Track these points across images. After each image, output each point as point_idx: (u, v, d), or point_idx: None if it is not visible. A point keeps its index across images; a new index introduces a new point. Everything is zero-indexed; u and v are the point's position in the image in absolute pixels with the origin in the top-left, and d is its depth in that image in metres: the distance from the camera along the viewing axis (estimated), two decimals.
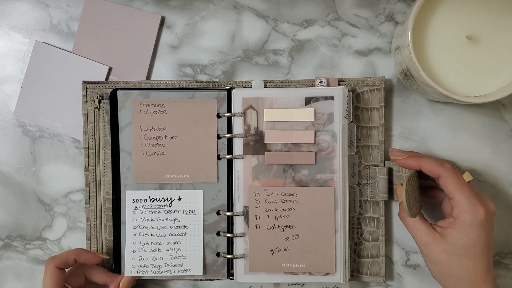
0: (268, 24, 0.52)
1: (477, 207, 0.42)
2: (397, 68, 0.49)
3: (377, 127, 0.50)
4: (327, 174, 0.48)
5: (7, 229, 0.53)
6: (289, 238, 0.49)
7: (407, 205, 0.44)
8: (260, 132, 0.49)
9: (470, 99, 0.44)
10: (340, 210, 0.48)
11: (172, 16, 0.53)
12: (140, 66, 0.52)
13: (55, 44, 0.53)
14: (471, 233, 0.42)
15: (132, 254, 0.50)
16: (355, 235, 0.51)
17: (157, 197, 0.50)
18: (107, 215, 0.51)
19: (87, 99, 0.51)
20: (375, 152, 0.50)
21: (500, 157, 0.52)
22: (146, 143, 0.50)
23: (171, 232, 0.50)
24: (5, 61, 0.53)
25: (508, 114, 0.52)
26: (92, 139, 0.51)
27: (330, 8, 0.52)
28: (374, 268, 0.51)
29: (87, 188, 0.51)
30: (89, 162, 0.51)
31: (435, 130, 0.52)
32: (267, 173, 0.49)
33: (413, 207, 0.44)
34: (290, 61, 0.52)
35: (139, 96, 0.49)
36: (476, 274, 0.42)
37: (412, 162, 0.46)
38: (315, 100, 0.48)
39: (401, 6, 0.52)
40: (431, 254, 0.44)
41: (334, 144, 0.48)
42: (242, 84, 0.51)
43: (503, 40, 0.45)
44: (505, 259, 0.52)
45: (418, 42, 0.44)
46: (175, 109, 0.49)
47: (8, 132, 0.53)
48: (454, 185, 0.43)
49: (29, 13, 0.53)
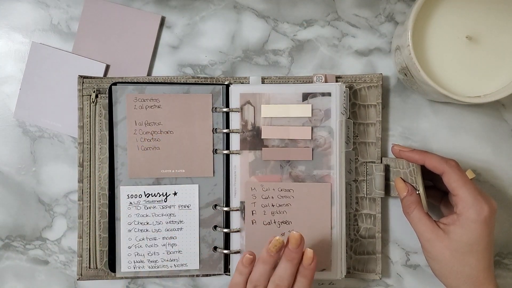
0: (268, 24, 0.52)
1: (481, 203, 0.42)
2: (397, 68, 0.49)
3: (374, 124, 0.50)
4: (324, 170, 0.49)
5: (7, 229, 0.53)
6: (285, 234, 0.49)
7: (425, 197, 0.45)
8: (257, 128, 0.49)
9: (470, 99, 0.44)
10: (337, 206, 0.48)
11: (172, 16, 0.53)
12: (140, 66, 0.52)
13: (55, 44, 0.53)
14: (474, 229, 0.42)
15: (128, 250, 0.50)
16: (352, 231, 0.51)
17: (152, 192, 0.50)
18: (101, 211, 0.51)
19: (83, 93, 0.51)
20: (372, 149, 0.51)
21: (500, 157, 0.52)
22: (141, 138, 0.50)
23: (167, 227, 0.50)
24: (5, 61, 0.53)
25: (508, 114, 0.52)
26: (87, 133, 0.51)
27: (330, 8, 0.52)
28: (371, 265, 0.51)
29: (81, 184, 0.51)
30: (83, 157, 0.51)
31: (435, 130, 0.52)
32: (264, 169, 0.49)
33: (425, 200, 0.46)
34: (290, 61, 0.52)
35: (134, 90, 0.49)
36: (478, 271, 0.42)
37: (416, 156, 0.46)
38: (312, 96, 0.48)
39: (401, 6, 0.52)
40: (434, 250, 0.44)
41: (331, 140, 0.48)
42: (240, 80, 0.51)
43: (503, 40, 0.45)
44: (505, 259, 0.52)
45: (418, 42, 0.44)
46: (170, 104, 0.50)
47: (8, 132, 0.53)
48: (458, 181, 0.43)
49: (29, 13, 0.53)
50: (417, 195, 0.46)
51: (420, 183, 0.46)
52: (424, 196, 0.46)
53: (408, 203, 0.46)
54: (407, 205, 0.46)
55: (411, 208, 0.46)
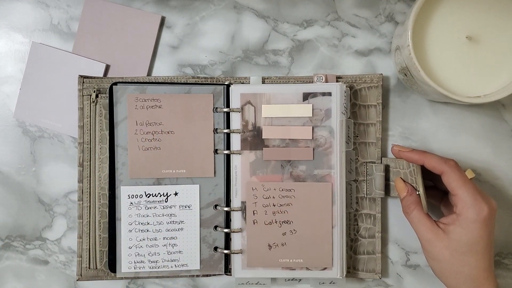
0: (268, 24, 0.52)
1: (480, 203, 0.42)
2: (397, 68, 0.50)
3: (374, 124, 0.51)
4: (325, 169, 0.49)
5: (7, 229, 0.53)
6: (286, 233, 0.49)
7: (425, 198, 0.45)
8: (258, 128, 0.49)
9: (470, 99, 0.44)
10: (337, 205, 0.48)
11: (172, 16, 0.53)
12: (140, 66, 0.52)
13: (55, 44, 0.53)
14: (474, 229, 0.42)
15: (129, 250, 0.50)
16: (352, 231, 0.51)
17: (153, 193, 0.50)
18: (101, 211, 0.51)
19: (83, 93, 0.51)
20: (372, 149, 0.51)
21: (500, 157, 0.52)
22: (142, 138, 0.50)
23: (168, 228, 0.50)
24: (5, 61, 0.53)
25: (508, 114, 0.52)
26: (88, 133, 0.51)
27: (330, 8, 0.52)
28: (370, 264, 0.51)
29: (81, 184, 0.51)
30: (83, 157, 0.51)
31: (435, 130, 0.52)
32: (264, 169, 0.49)
33: (425, 200, 0.46)
34: (290, 61, 0.52)
35: (135, 90, 0.49)
36: (478, 271, 0.43)
37: (415, 156, 0.46)
38: (312, 96, 0.49)
39: (401, 6, 0.52)
40: (434, 250, 0.44)
41: (332, 140, 0.48)
42: (240, 80, 0.51)
43: (503, 40, 0.45)
44: (505, 259, 0.52)
45: (418, 42, 0.45)
46: (171, 104, 0.49)
47: (8, 132, 0.53)
48: (458, 181, 0.43)
49: (29, 13, 0.53)
50: (417, 195, 0.46)
51: (420, 184, 0.46)
52: (424, 197, 0.46)
53: (408, 203, 0.46)
54: (407, 205, 0.46)
55: (411, 208, 0.46)
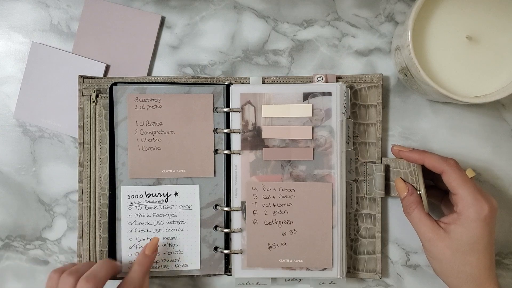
0: (268, 24, 0.52)
1: (481, 202, 0.42)
2: (397, 68, 0.50)
3: (374, 124, 0.51)
4: (325, 169, 0.49)
5: (7, 229, 0.53)
6: (286, 234, 0.49)
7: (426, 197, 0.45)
8: (258, 128, 0.49)
9: (470, 99, 0.44)
10: (338, 205, 0.48)
11: (172, 16, 0.53)
12: (140, 66, 0.52)
13: (55, 44, 0.53)
14: (474, 228, 0.42)
15: (129, 250, 0.50)
16: (352, 231, 0.51)
17: (153, 193, 0.50)
18: (101, 211, 0.51)
19: (83, 93, 0.51)
20: (372, 149, 0.51)
21: (500, 157, 0.52)
22: (142, 138, 0.50)
23: (168, 228, 0.50)
24: (5, 61, 0.53)
25: (508, 114, 0.52)
26: (88, 133, 0.51)
27: (330, 8, 0.52)
28: (370, 264, 0.51)
29: (81, 184, 0.51)
30: (84, 157, 0.51)
31: (435, 130, 0.52)
32: (264, 169, 0.49)
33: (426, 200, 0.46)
34: (290, 61, 0.52)
35: (135, 91, 0.49)
36: (480, 270, 0.43)
37: (415, 156, 0.46)
38: (313, 96, 0.49)
39: (401, 6, 0.52)
40: (435, 250, 0.44)
41: (332, 140, 0.48)
42: (240, 80, 0.51)
43: (503, 40, 0.45)
44: (505, 259, 0.52)
45: (418, 42, 0.45)
46: (172, 104, 0.50)
47: (8, 132, 0.53)
48: (458, 180, 0.43)
49: (29, 13, 0.53)
50: (417, 195, 0.46)
51: (421, 184, 0.46)
52: (425, 197, 0.46)
53: (408, 203, 0.46)
54: (408, 205, 0.46)
55: (412, 208, 0.46)
